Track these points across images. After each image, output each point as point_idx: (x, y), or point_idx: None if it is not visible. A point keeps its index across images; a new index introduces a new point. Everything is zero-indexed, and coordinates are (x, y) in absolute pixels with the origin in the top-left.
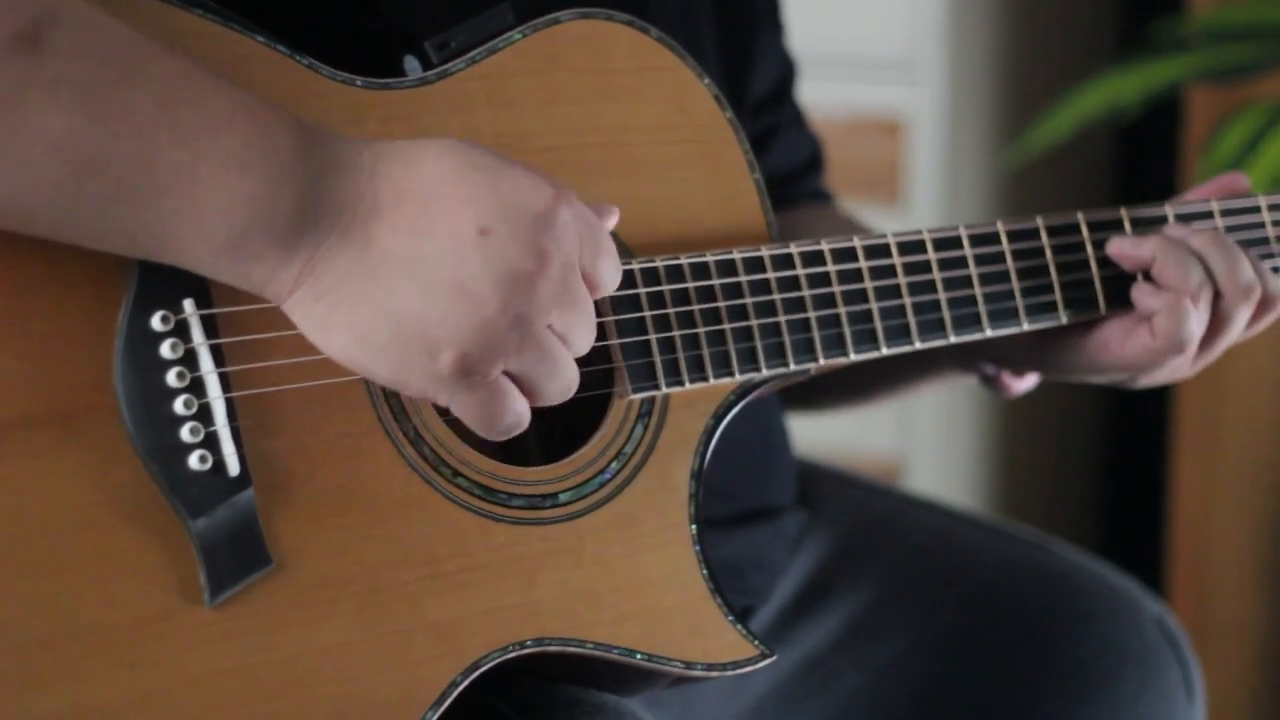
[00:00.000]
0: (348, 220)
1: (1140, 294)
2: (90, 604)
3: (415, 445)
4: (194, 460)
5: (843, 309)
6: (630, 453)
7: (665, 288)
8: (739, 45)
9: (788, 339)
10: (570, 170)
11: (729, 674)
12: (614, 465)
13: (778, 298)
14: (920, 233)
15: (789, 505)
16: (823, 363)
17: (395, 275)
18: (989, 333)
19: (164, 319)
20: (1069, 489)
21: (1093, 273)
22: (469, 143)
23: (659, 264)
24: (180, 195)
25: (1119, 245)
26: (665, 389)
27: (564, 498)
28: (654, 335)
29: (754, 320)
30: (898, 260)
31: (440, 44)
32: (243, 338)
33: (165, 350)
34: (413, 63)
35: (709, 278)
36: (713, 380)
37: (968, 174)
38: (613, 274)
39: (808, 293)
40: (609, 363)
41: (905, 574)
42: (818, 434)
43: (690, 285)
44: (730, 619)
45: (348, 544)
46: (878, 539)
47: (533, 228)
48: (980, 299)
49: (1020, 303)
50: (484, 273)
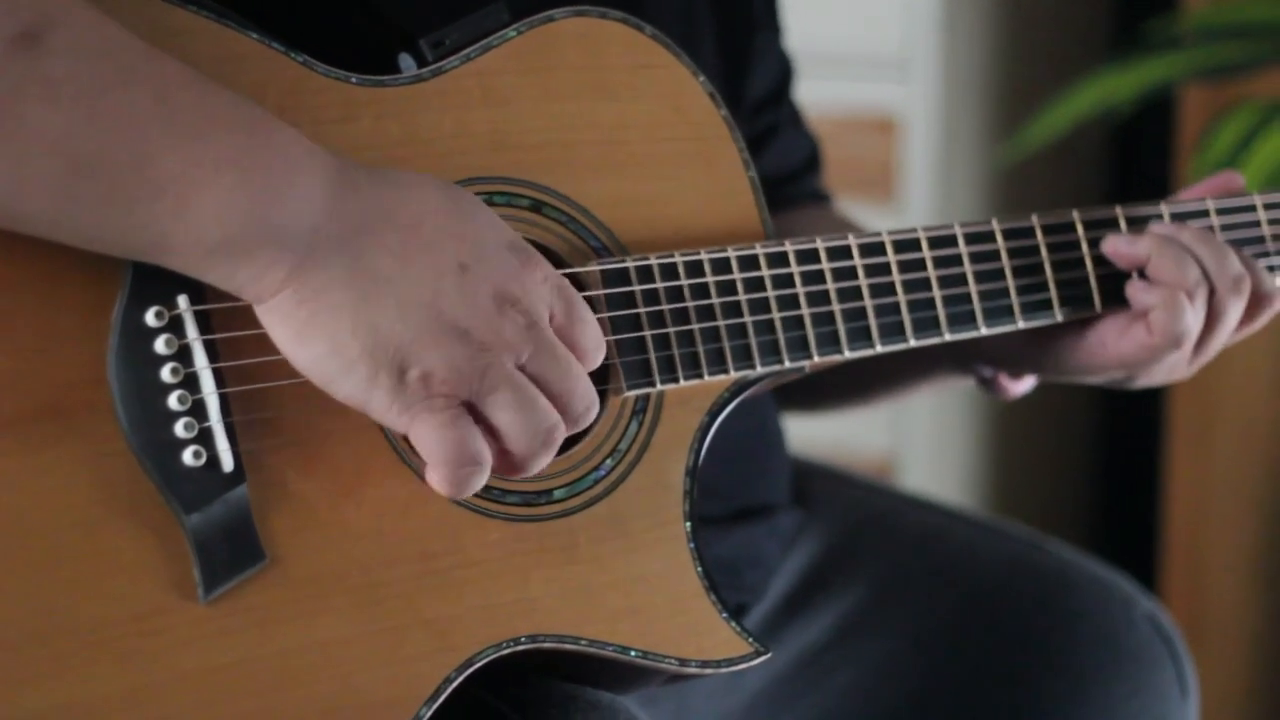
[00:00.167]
0: (341, 231)
1: (1135, 290)
2: (84, 600)
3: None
4: (188, 456)
5: (837, 306)
6: (625, 450)
7: (660, 285)
8: (737, 45)
9: (782, 336)
10: (565, 168)
11: (723, 671)
12: (608, 462)
13: (772, 295)
14: (915, 230)
15: (784, 503)
16: (817, 360)
17: (378, 292)
18: (984, 331)
19: (158, 314)
20: (1063, 487)
21: (1088, 271)
22: (461, 188)
23: (653, 261)
24: (175, 196)
25: (1114, 243)
26: (660, 386)
27: (558, 494)
28: (649, 332)
29: (748, 317)
30: (892, 258)
31: (435, 42)
32: (237, 333)
33: (159, 346)
34: (408, 60)
35: (703, 275)
36: (707, 377)
37: (962, 172)
38: (591, 341)
39: (802, 290)
40: (604, 360)
41: (899, 572)
42: (812, 432)
43: (685, 282)
44: (725, 616)
45: (342, 540)
46: (872, 537)
47: (503, 275)
48: (975, 297)
49: (1015, 301)
50: (458, 303)
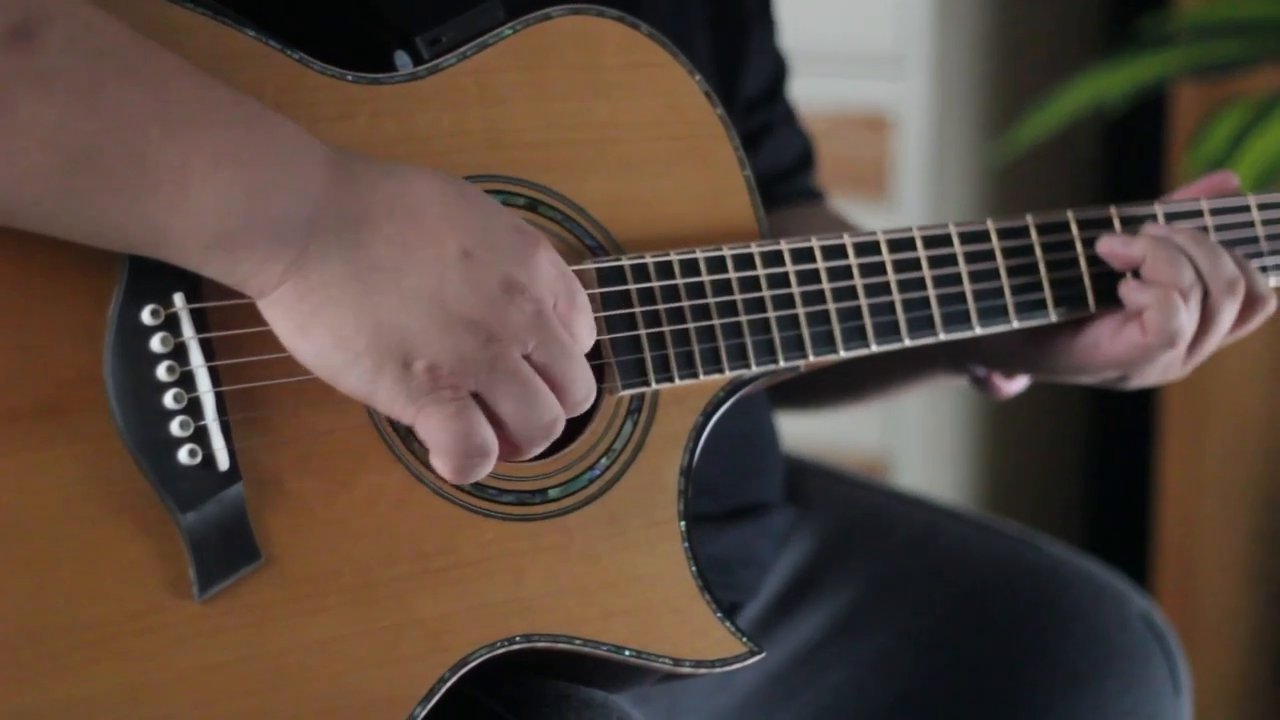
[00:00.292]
0: (341, 223)
1: (1129, 290)
2: (80, 598)
3: (405, 440)
4: (184, 455)
5: (832, 306)
6: (620, 449)
7: (655, 284)
8: (731, 43)
9: (777, 335)
10: (561, 166)
11: (717, 672)
12: (603, 462)
13: (767, 294)
14: (910, 230)
15: (777, 502)
16: (812, 359)
17: (381, 284)
18: (978, 330)
19: (154, 313)
20: (1056, 484)
21: (1082, 271)
22: (461, 178)
23: (649, 260)
24: (171, 189)
25: (1109, 244)
26: (655, 385)
27: (553, 494)
28: (644, 331)
29: (743, 316)
30: (887, 257)
31: (431, 39)
32: (233, 331)
33: (155, 344)
34: (403, 58)
35: (699, 274)
36: (702, 377)
37: (954, 169)
38: (587, 331)
39: (797, 290)
40: (599, 359)
41: (892, 569)
42: (805, 430)
43: (680, 282)
44: (719, 616)
45: (337, 539)
46: (865, 535)
47: (511, 260)
48: (970, 296)
49: (1010, 300)
50: (463, 292)
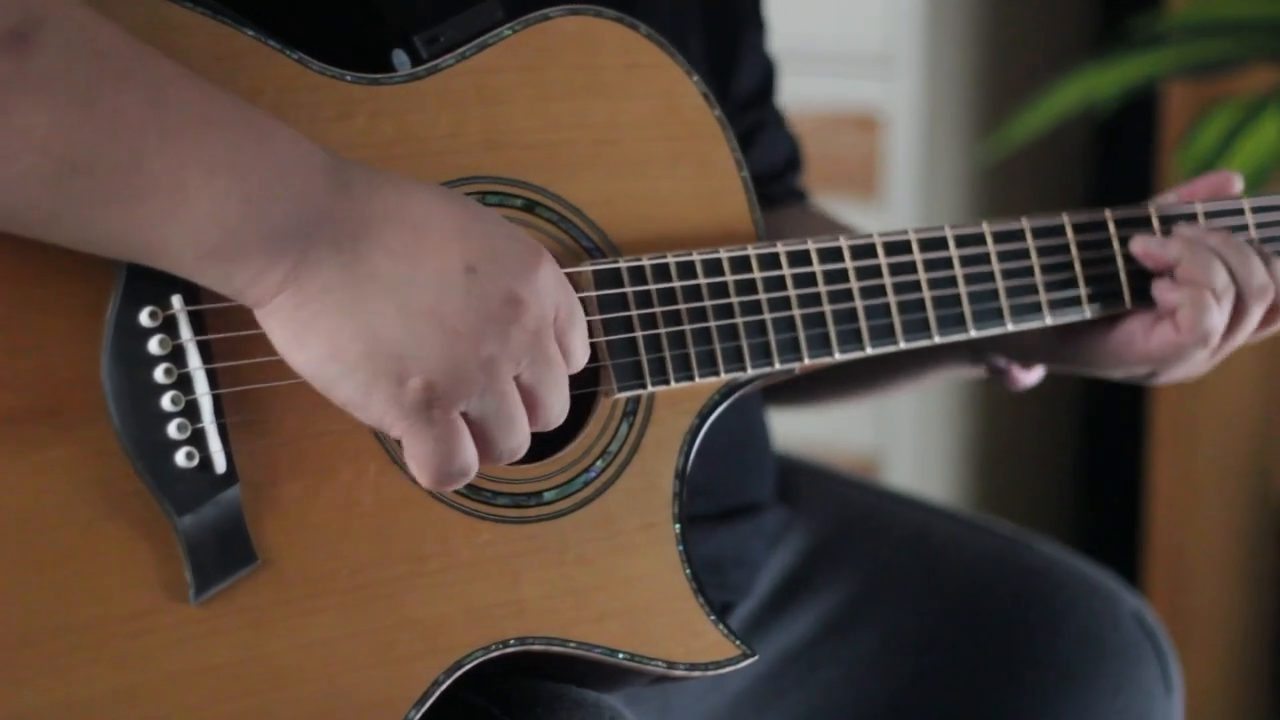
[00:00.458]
0: (339, 233)
1: (1161, 289)
2: (77, 600)
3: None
4: (181, 457)
5: (828, 308)
6: (615, 451)
7: (651, 286)
8: (725, 43)
9: (773, 338)
10: (558, 167)
11: (710, 674)
12: (599, 464)
13: (763, 297)
14: (906, 232)
15: (769, 502)
16: (808, 362)
17: (380, 295)
18: (973, 333)
19: (152, 314)
20: (1047, 483)
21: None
22: (459, 193)
23: (645, 263)
24: (168, 196)
25: (1144, 245)
26: (651, 388)
27: (548, 496)
28: (640, 333)
29: (739, 319)
30: (883, 260)
31: (429, 39)
32: (231, 334)
33: (153, 346)
34: (401, 57)
35: (695, 277)
36: (698, 379)
37: (945, 169)
38: (582, 347)
39: (793, 292)
40: (595, 361)
41: (884, 569)
42: (798, 430)
43: (676, 284)
44: (712, 619)
45: (333, 541)
46: (856, 534)
47: (515, 276)
48: (965, 299)
49: (1005, 303)
50: (464, 308)
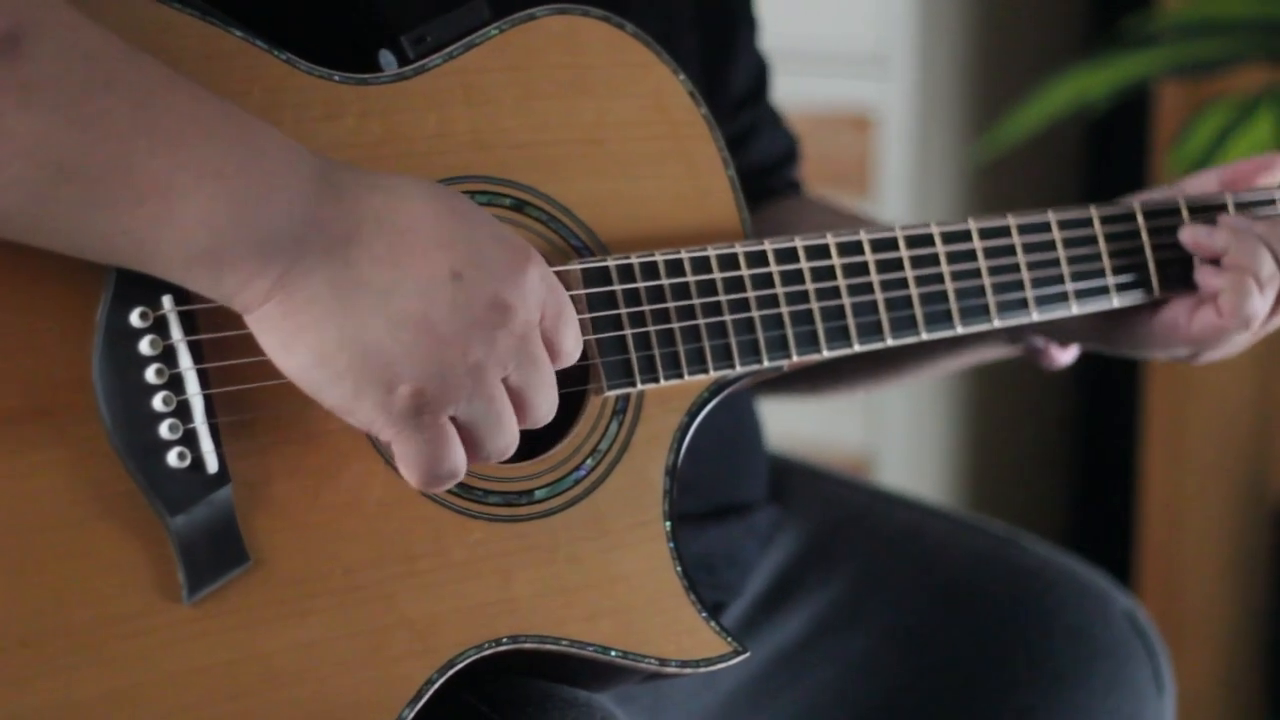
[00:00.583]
0: (328, 239)
1: (1204, 275)
2: (69, 601)
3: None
4: (172, 457)
5: (815, 305)
6: (605, 450)
7: (640, 284)
8: (718, 42)
9: (761, 335)
10: (546, 166)
11: (702, 671)
12: (589, 462)
13: (751, 294)
14: (893, 229)
15: (761, 500)
16: (796, 359)
17: (367, 303)
18: (959, 330)
19: (143, 315)
20: (1040, 483)
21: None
22: (452, 190)
23: (634, 261)
24: (158, 202)
25: (1193, 234)
26: (640, 386)
27: (539, 495)
28: (629, 331)
29: (728, 316)
30: (870, 257)
31: (416, 39)
32: (222, 334)
33: (144, 346)
34: (388, 57)
35: (683, 275)
36: (687, 377)
37: (938, 168)
38: (574, 343)
39: (781, 289)
40: (584, 360)
41: (876, 568)
42: (789, 429)
43: (665, 282)
44: (704, 616)
45: (325, 541)
46: (848, 533)
47: (502, 281)
48: (951, 296)
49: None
50: (451, 315)
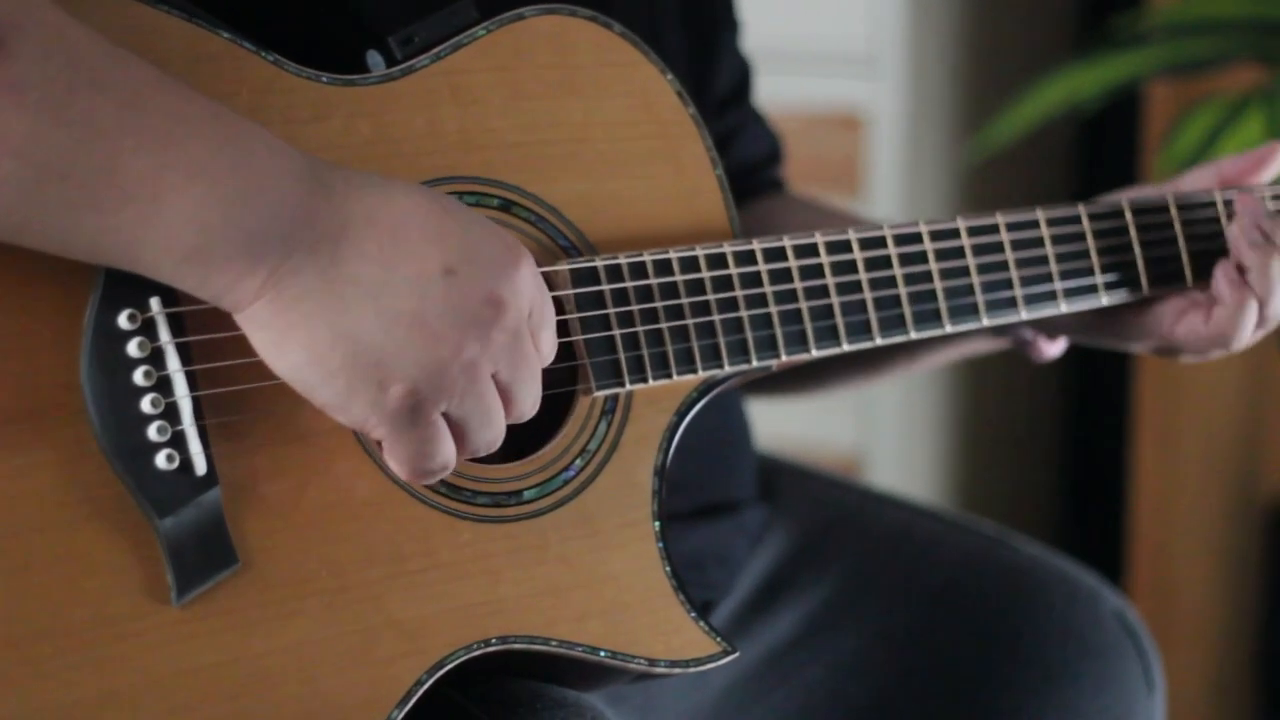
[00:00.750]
0: (317, 237)
1: (1220, 279)
2: (57, 603)
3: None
4: (161, 459)
5: (804, 304)
6: (594, 450)
7: (629, 284)
8: (703, 42)
9: (750, 335)
10: (534, 166)
11: (692, 671)
12: (578, 462)
13: (740, 294)
14: (882, 228)
15: (750, 499)
16: (785, 359)
17: (358, 300)
18: (948, 329)
19: (131, 317)
20: (1030, 483)
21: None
22: (440, 191)
23: (622, 260)
24: (145, 202)
25: (1233, 237)
26: (629, 386)
27: (528, 495)
28: (618, 331)
29: (717, 316)
30: (859, 255)
31: (404, 39)
32: (210, 336)
33: (132, 349)
34: (375, 58)
35: (672, 274)
36: (676, 377)
37: (928, 168)
38: (551, 345)
39: (769, 289)
40: (573, 360)
41: (866, 568)
42: (779, 429)
43: (653, 282)
44: (693, 616)
45: (314, 543)
46: (838, 533)
47: (495, 277)
48: (939, 294)
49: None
50: (444, 312)
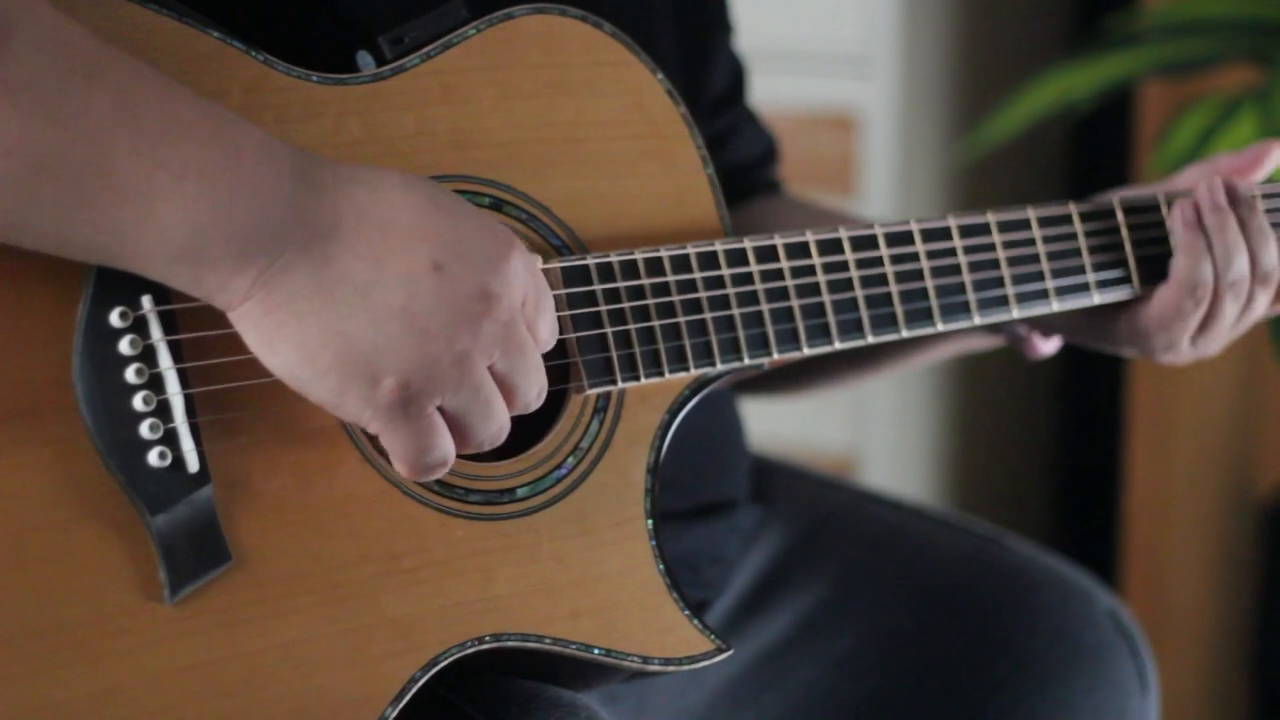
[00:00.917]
0: (307, 236)
1: (1177, 218)
2: (51, 601)
3: (374, 442)
4: (153, 457)
5: (796, 302)
6: (586, 448)
7: (620, 283)
8: (697, 43)
9: (742, 333)
10: (525, 166)
11: (685, 669)
12: (570, 460)
13: (732, 292)
14: (873, 227)
15: (744, 499)
16: (777, 357)
17: (349, 298)
18: (940, 327)
19: (123, 315)
20: (1024, 483)
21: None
22: (431, 181)
23: (613, 259)
24: (138, 200)
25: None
26: (621, 384)
27: (521, 493)
28: (610, 330)
29: (709, 314)
30: (850, 255)
31: (394, 39)
32: (202, 333)
33: (124, 346)
34: (366, 58)
35: (663, 273)
36: (668, 375)
37: (921, 168)
38: (550, 331)
39: (761, 287)
40: (565, 358)
41: (860, 568)
42: (773, 429)
43: (645, 281)
44: (687, 613)
45: (307, 540)
46: (832, 533)
47: (484, 270)
48: (932, 293)
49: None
50: (434, 307)
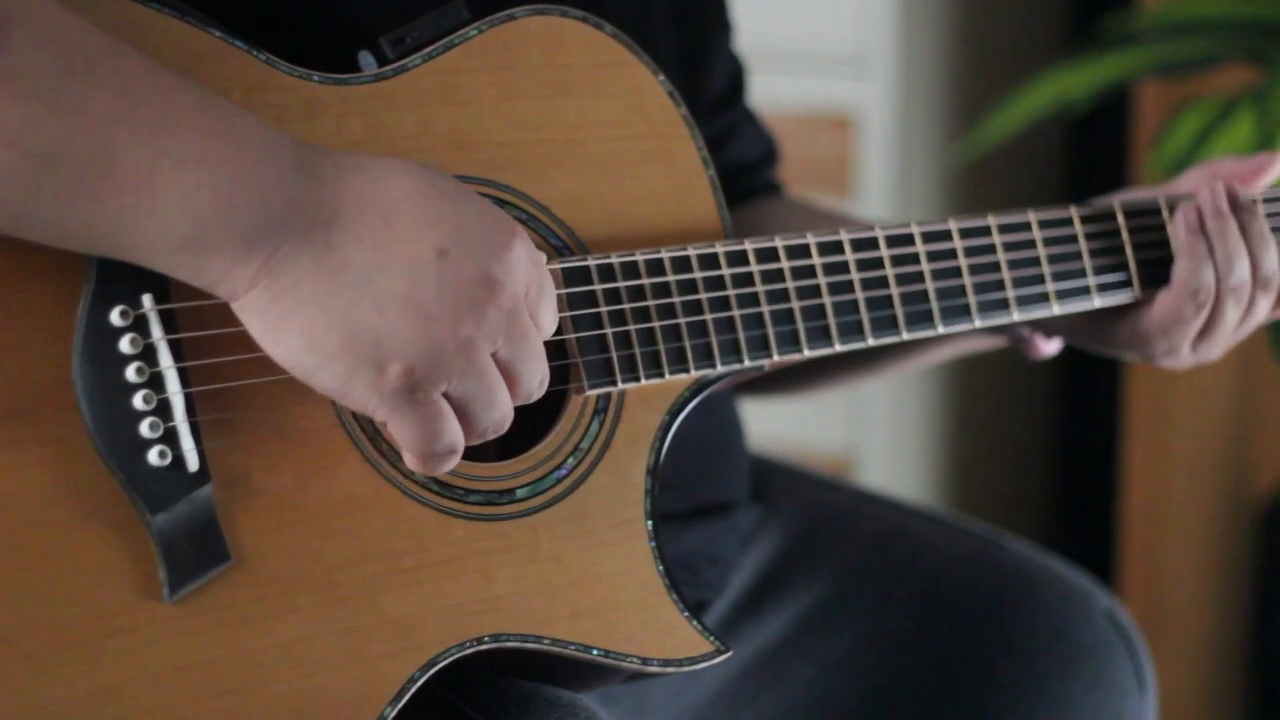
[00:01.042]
0: (309, 224)
1: (1180, 223)
2: (51, 600)
3: (374, 441)
4: (153, 456)
5: (796, 304)
6: (586, 448)
7: (621, 284)
8: (696, 43)
9: (742, 335)
10: (526, 166)
11: (685, 670)
12: (570, 461)
13: (732, 293)
14: (874, 228)
15: (743, 499)
16: (777, 359)
17: (352, 285)
18: (940, 330)
19: (123, 314)
20: (1022, 483)
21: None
22: (433, 168)
23: (614, 260)
24: (139, 190)
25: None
26: (621, 385)
27: (521, 493)
28: (610, 330)
29: (708, 316)
30: (850, 256)
31: (395, 40)
32: (202, 332)
33: (124, 345)
34: (367, 58)
35: (664, 274)
36: (668, 376)
37: (918, 169)
38: (551, 320)
39: (761, 288)
40: (565, 359)
41: (858, 568)
42: (771, 430)
43: (646, 281)
44: (686, 614)
45: (307, 540)
46: (831, 534)
47: (488, 256)
48: (932, 295)
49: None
50: (438, 293)
